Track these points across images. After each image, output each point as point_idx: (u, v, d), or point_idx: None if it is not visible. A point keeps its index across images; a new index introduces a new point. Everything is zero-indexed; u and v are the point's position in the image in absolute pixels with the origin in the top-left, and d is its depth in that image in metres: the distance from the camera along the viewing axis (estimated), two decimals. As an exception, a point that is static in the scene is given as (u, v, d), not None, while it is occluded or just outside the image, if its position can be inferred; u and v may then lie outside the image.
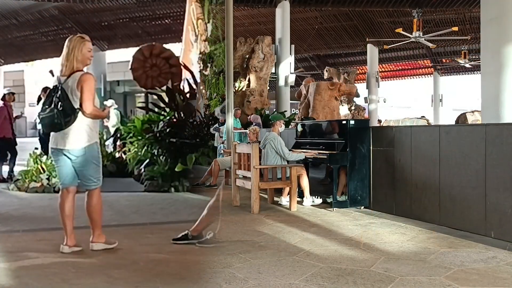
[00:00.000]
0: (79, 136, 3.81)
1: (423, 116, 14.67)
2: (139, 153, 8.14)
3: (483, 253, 3.74)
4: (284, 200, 6.08)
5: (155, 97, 8.48)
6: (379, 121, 18.36)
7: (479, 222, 4.31)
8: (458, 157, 4.56)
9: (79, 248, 3.87)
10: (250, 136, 6.98)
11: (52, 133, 3.88)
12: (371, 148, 5.72)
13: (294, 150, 6.41)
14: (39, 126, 9.38)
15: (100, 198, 3.94)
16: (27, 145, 10.36)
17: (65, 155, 3.84)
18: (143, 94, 10.40)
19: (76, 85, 3.76)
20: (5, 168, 8.99)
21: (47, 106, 3.79)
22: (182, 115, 7.80)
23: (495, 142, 4.18)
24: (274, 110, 15.62)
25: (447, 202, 4.67)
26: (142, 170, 7.82)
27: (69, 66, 3.80)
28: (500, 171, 4.11)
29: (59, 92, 3.76)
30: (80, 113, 3.78)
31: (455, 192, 4.59)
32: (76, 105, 3.77)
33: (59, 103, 3.73)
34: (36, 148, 9.61)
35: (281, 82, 15.48)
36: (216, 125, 9.77)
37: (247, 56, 14.17)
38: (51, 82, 3.96)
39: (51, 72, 4.48)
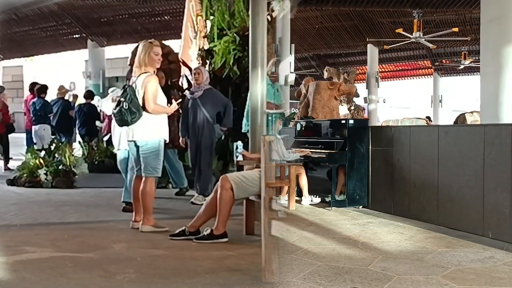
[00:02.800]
0: (143, 130, 4.32)
1: (428, 117, 14.66)
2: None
3: (480, 253, 3.75)
4: (283, 198, 6.08)
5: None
6: None
7: (477, 222, 4.31)
8: (456, 157, 4.57)
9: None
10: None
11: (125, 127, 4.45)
12: (370, 147, 5.73)
13: (289, 153, 6.41)
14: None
15: (153, 187, 4.45)
16: (26, 141, 10.34)
17: (135, 146, 4.42)
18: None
19: (141, 85, 4.29)
20: None
21: (117, 104, 4.33)
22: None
23: (494, 142, 4.18)
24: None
25: (445, 202, 4.67)
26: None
27: (139, 68, 4.34)
28: (499, 171, 4.12)
29: (128, 92, 4.29)
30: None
31: (453, 192, 4.59)
32: (142, 103, 4.29)
33: (126, 102, 4.26)
34: (35, 143, 9.61)
35: (281, 81, 15.47)
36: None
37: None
38: (50, 79, 4.09)
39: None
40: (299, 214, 5.37)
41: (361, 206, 5.76)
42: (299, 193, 6.12)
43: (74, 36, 18.55)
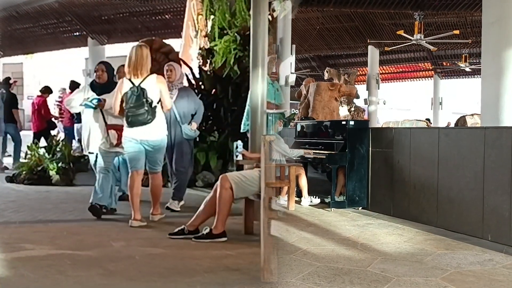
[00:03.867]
0: (158, 129, 4.55)
1: (428, 119, 14.70)
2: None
3: (479, 256, 3.74)
4: (282, 199, 6.07)
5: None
6: None
7: (477, 224, 4.31)
8: (456, 159, 4.56)
9: (144, 223, 4.52)
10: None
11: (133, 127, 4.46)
12: (370, 149, 5.72)
13: (292, 150, 6.40)
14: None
15: (162, 180, 4.82)
16: (25, 138, 10.33)
17: (141, 144, 4.52)
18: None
19: (155, 86, 4.47)
20: None
21: (132, 106, 4.36)
22: None
23: (494, 145, 4.18)
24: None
25: (445, 204, 4.67)
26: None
27: (145, 70, 4.46)
28: (499, 174, 4.11)
29: (142, 93, 4.37)
30: (157, 109, 4.48)
31: (453, 194, 4.59)
32: (155, 103, 4.46)
33: (146, 103, 4.36)
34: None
35: (282, 82, 15.46)
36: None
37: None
38: (49, 76, 4.06)
39: None
40: (299, 215, 5.37)
41: (360, 207, 5.76)
42: (299, 194, 6.12)
43: (75, 33, 18.52)
